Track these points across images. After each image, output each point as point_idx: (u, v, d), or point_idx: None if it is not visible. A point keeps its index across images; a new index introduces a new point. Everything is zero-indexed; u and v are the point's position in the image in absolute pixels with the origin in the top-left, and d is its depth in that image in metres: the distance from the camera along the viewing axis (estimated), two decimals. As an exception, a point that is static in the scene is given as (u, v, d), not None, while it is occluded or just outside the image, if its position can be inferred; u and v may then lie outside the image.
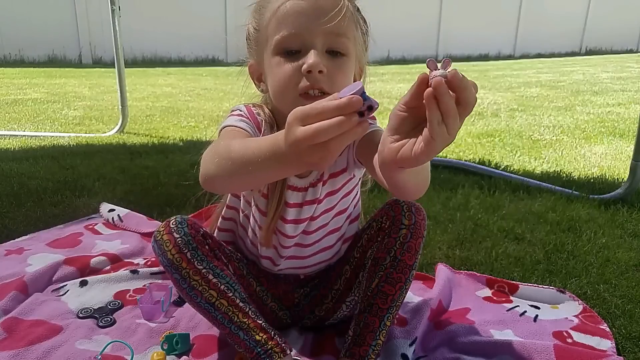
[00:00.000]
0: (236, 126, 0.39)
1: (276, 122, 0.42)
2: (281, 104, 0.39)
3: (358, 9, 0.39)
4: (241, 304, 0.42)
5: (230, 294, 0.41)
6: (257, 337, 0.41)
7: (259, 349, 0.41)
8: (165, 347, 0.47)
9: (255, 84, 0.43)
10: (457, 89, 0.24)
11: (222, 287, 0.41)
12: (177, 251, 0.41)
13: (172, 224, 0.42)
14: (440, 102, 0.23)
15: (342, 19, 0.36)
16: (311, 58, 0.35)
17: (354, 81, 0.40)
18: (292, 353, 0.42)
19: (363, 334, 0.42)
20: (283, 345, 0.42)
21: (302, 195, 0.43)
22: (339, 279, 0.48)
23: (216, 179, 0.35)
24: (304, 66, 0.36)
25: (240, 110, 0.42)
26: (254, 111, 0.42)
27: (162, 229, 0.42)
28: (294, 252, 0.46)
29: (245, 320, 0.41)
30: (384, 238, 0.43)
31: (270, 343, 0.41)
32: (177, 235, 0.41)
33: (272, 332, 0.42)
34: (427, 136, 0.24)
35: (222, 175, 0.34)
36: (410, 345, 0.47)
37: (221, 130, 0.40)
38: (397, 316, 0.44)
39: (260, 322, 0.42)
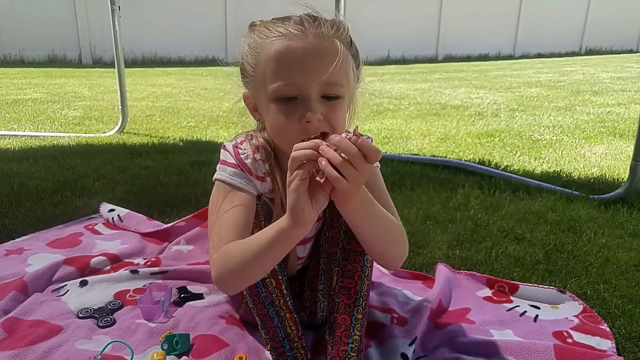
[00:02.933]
0: (229, 184, 0.41)
1: (273, 151, 0.42)
2: (282, 146, 0.41)
3: (350, 39, 0.39)
4: (285, 291, 0.42)
5: (280, 277, 0.42)
6: (289, 330, 0.42)
7: (286, 343, 0.41)
8: (165, 347, 0.47)
9: (250, 112, 0.43)
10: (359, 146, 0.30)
11: (276, 267, 0.41)
12: (274, 277, 0.41)
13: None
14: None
15: (336, 68, 0.36)
16: (310, 110, 0.36)
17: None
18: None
19: (338, 334, 0.42)
20: (307, 349, 0.43)
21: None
22: (317, 279, 0.48)
23: (231, 282, 0.38)
24: (304, 118, 0.37)
25: (231, 154, 0.42)
26: (241, 153, 0.42)
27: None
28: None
29: (285, 308, 0.42)
30: (328, 230, 0.43)
31: (298, 343, 0.42)
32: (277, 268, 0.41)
33: (301, 333, 0.43)
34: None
35: (237, 280, 0.38)
36: (410, 345, 0.47)
37: (215, 181, 0.42)
38: (367, 307, 0.43)
39: (295, 316, 0.42)
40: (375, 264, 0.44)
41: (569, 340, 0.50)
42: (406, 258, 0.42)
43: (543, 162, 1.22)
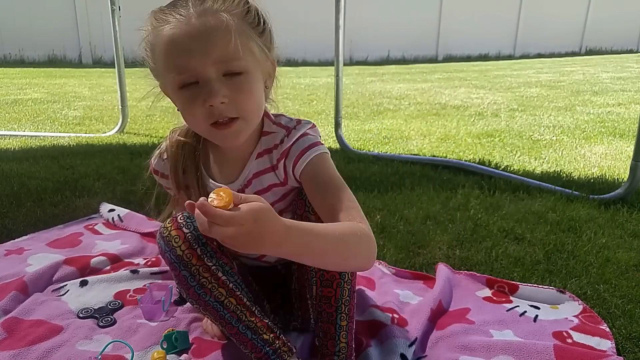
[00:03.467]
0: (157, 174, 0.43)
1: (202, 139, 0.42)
2: (196, 132, 0.41)
3: (247, 10, 0.36)
4: (248, 303, 0.40)
5: (238, 293, 0.40)
6: (265, 337, 0.40)
7: (268, 349, 0.40)
8: (165, 346, 0.47)
9: (171, 100, 0.41)
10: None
11: (231, 285, 0.40)
12: (187, 247, 0.38)
13: (181, 219, 0.39)
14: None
15: (228, 42, 0.34)
16: (210, 94, 0.34)
17: (266, 88, 0.39)
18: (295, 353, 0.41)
19: (324, 343, 0.42)
20: (289, 344, 0.41)
21: None
22: (291, 279, 0.47)
23: None
24: (206, 102, 0.35)
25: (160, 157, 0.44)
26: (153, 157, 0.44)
27: (169, 224, 0.39)
28: None
29: (253, 319, 0.40)
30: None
31: (277, 342, 0.41)
32: (187, 231, 0.39)
33: (278, 332, 0.41)
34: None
35: None
36: (410, 345, 0.47)
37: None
38: (353, 311, 0.41)
39: (266, 321, 0.41)
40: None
41: (569, 341, 0.50)
42: (405, 257, 0.40)
43: (543, 162, 1.22)
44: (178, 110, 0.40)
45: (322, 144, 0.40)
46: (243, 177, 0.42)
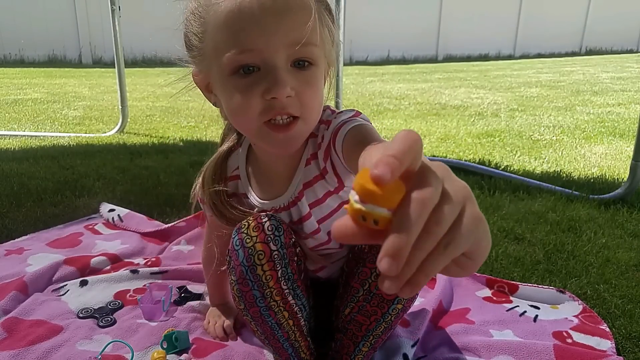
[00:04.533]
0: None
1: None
2: (243, 132, 0.34)
3: None
4: (303, 323, 0.36)
5: (299, 315, 0.36)
6: (302, 355, 0.38)
7: None
8: (165, 346, 0.47)
9: (204, 94, 0.35)
10: None
11: (296, 308, 0.35)
12: (270, 267, 0.32)
13: (268, 230, 0.32)
14: None
15: (306, 23, 0.27)
16: (276, 82, 0.27)
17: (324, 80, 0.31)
18: None
19: (341, 352, 0.39)
20: None
21: (287, 215, 0.36)
22: (336, 292, 0.42)
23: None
24: (268, 93, 0.28)
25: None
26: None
27: (255, 234, 0.32)
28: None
29: (300, 339, 0.37)
30: (359, 266, 0.35)
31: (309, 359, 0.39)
32: (274, 247, 0.32)
33: (313, 349, 0.39)
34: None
35: None
36: (413, 346, 0.47)
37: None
38: (379, 344, 0.39)
39: (309, 340, 0.38)
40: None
41: (569, 341, 0.50)
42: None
43: (543, 162, 1.22)
44: (214, 104, 0.33)
45: (366, 120, 0.31)
46: (292, 191, 0.35)
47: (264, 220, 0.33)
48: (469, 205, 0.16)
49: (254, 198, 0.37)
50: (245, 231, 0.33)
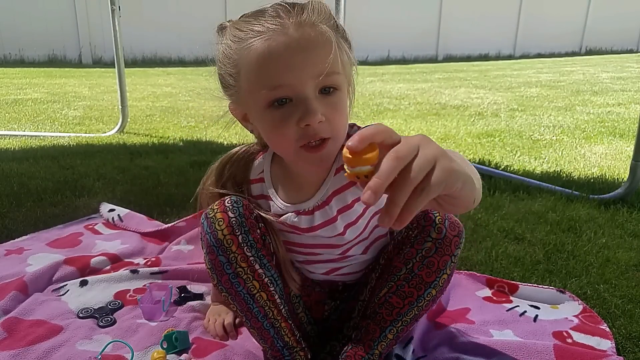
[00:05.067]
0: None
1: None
2: (281, 155, 0.38)
3: (336, 24, 0.34)
4: (278, 301, 0.39)
5: (272, 288, 0.38)
6: (286, 338, 0.40)
7: (285, 351, 0.40)
8: (165, 346, 0.47)
9: (242, 124, 0.39)
10: None
11: (266, 279, 0.38)
12: (229, 232, 0.36)
13: (228, 202, 0.37)
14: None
15: (327, 56, 0.32)
16: (308, 112, 0.32)
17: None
18: None
19: (364, 339, 0.40)
20: (306, 350, 0.41)
21: (309, 219, 0.39)
22: (364, 288, 0.44)
23: None
24: (303, 121, 0.32)
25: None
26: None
27: (217, 206, 0.37)
28: (328, 265, 0.43)
29: (279, 318, 0.39)
30: (406, 247, 0.39)
31: (296, 347, 0.41)
32: (232, 215, 0.37)
33: (298, 336, 0.42)
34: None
35: None
36: (406, 345, 0.47)
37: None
38: (404, 333, 0.40)
39: (290, 322, 0.41)
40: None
41: (569, 340, 0.50)
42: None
43: (543, 162, 1.22)
44: (252, 132, 0.38)
45: None
46: (320, 196, 0.39)
47: (225, 198, 0.38)
48: (441, 161, 0.23)
49: (279, 201, 0.40)
50: (211, 207, 0.38)
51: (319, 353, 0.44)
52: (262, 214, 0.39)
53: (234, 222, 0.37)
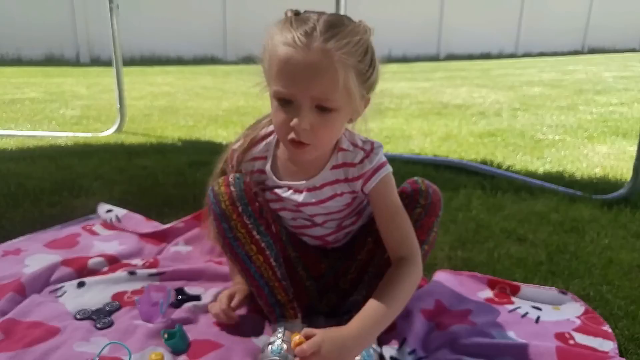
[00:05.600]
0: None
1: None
2: (277, 136, 0.46)
3: (364, 54, 0.40)
4: (274, 263, 0.47)
5: (268, 252, 0.46)
6: (279, 297, 0.48)
7: (277, 307, 0.48)
8: (166, 337, 0.47)
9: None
10: None
11: (263, 244, 0.46)
12: (230, 203, 0.45)
13: (231, 178, 0.46)
14: None
15: (332, 85, 0.38)
16: (297, 118, 0.39)
17: (350, 121, 0.44)
18: (300, 319, 0.48)
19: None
20: (297, 308, 0.48)
21: (298, 196, 0.48)
22: (361, 250, 0.51)
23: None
24: (292, 122, 0.40)
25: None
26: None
27: (221, 181, 0.46)
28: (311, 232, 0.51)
29: (273, 278, 0.47)
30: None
31: (287, 305, 0.48)
32: (233, 189, 0.45)
33: (291, 296, 0.48)
34: None
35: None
36: (401, 347, 0.47)
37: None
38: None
39: (284, 283, 0.47)
40: None
41: (571, 342, 0.49)
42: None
43: (545, 162, 1.21)
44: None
45: (388, 163, 0.46)
46: (312, 183, 0.47)
47: (230, 175, 0.47)
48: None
49: (273, 178, 0.48)
50: (217, 182, 0.47)
51: (317, 305, 0.52)
52: (264, 185, 0.48)
53: (235, 195, 0.45)
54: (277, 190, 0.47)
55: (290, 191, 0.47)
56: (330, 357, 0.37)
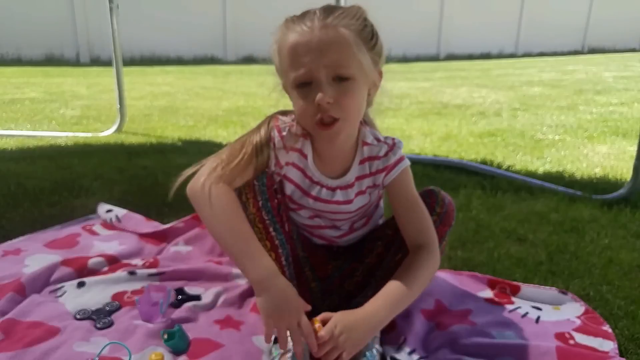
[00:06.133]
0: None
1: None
2: (304, 126, 0.46)
3: (364, 26, 0.43)
4: (284, 262, 0.48)
5: (280, 250, 0.47)
6: None
7: None
8: (165, 337, 0.47)
9: (288, 96, 0.47)
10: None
11: (276, 241, 0.47)
12: (252, 197, 0.46)
13: (258, 192, 0.47)
14: None
15: (341, 51, 0.40)
16: (318, 93, 0.41)
17: (369, 95, 0.45)
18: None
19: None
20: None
21: (330, 194, 0.49)
22: (370, 253, 0.52)
23: (198, 210, 0.45)
24: (317, 97, 0.41)
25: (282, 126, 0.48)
26: (280, 125, 0.47)
27: (250, 196, 0.47)
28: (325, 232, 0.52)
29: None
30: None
31: None
32: (257, 183, 0.46)
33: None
34: None
35: (202, 217, 0.45)
36: (400, 347, 0.47)
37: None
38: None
39: (293, 283, 0.47)
40: None
41: (571, 342, 0.49)
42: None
43: (545, 162, 1.21)
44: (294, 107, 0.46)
45: (406, 158, 0.48)
46: (348, 178, 0.48)
47: (256, 189, 0.47)
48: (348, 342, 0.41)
49: (315, 171, 0.48)
50: (245, 195, 0.47)
51: (319, 306, 0.50)
52: (291, 181, 0.48)
53: (257, 188, 0.46)
54: (307, 188, 0.47)
55: (324, 189, 0.47)
56: (345, 339, 0.39)
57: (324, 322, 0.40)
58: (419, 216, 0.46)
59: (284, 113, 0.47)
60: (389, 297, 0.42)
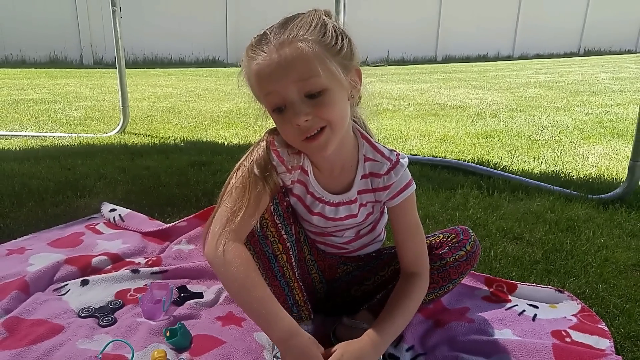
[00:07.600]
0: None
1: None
2: (296, 147, 0.45)
3: (324, 33, 0.40)
4: (294, 264, 0.48)
5: (291, 252, 0.48)
6: (297, 297, 0.49)
7: (295, 308, 0.49)
8: (167, 335, 0.48)
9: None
10: None
11: (288, 244, 0.47)
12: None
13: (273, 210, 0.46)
14: None
15: (304, 67, 0.39)
16: (294, 114, 0.40)
17: (352, 97, 0.43)
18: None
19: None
20: (310, 310, 0.50)
21: (334, 210, 0.49)
22: (386, 267, 0.53)
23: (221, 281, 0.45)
24: (292, 122, 0.40)
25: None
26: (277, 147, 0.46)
27: (270, 223, 0.46)
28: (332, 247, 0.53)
29: (293, 279, 0.48)
30: (443, 248, 0.51)
31: (303, 306, 0.49)
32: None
33: (306, 297, 0.50)
34: None
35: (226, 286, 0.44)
36: (398, 344, 0.48)
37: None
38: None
39: (301, 284, 0.49)
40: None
41: (568, 340, 0.50)
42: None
43: (542, 162, 1.22)
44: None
45: (413, 181, 0.48)
46: (351, 194, 0.47)
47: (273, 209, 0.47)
48: None
49: (317, 186, 0.48)
50: (265, 220, 0.46)
51: (321, 305, 0.53)
52: (293, 194, 0.48)
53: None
54: (311, 205, 0.47)
55: (327, 207, 0.47)
56: None
57: (328, 356, 0.40)
58: (416, 245, 0.47)
59: (275, 131, 0.45)
60: (391, 325, 0.43)
